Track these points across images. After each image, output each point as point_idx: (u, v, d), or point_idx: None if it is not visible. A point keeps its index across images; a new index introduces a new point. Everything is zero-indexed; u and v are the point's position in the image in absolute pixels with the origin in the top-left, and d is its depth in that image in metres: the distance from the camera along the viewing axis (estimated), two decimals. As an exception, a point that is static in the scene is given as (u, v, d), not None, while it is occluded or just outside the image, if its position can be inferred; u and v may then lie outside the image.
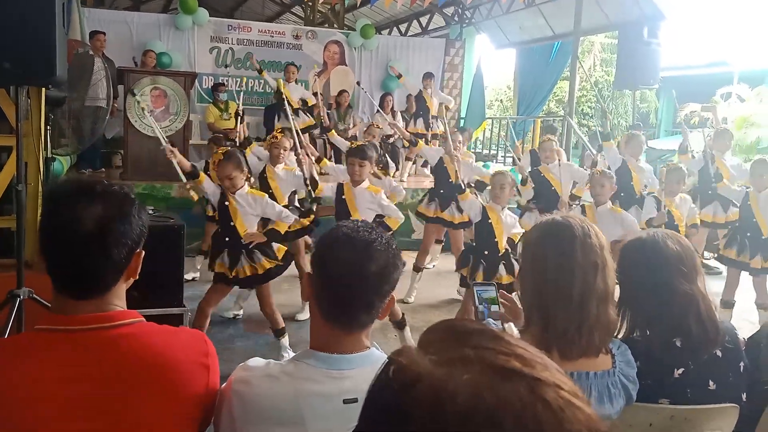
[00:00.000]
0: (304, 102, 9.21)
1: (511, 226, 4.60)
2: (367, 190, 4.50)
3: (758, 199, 5.10)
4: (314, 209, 5.43)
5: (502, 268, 4.54)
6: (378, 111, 9.11)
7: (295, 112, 8.95)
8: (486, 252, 4.55)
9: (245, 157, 4.49)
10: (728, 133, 6.62)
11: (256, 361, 1.48)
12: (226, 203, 4.20)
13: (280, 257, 4.28)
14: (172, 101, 7.81)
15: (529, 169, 6.16)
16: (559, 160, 5.93)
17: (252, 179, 4.74)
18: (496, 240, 4.53)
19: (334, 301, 1.40)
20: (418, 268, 5.99)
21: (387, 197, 4.63)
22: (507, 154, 12.94)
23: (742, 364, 1.92)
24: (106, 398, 1.23)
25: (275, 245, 4.34)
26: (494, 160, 11.58)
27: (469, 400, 0.57)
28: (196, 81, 9.39)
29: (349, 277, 1.38)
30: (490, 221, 4.55)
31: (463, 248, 5.44)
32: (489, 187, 4.89)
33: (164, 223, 4.22)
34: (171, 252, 4.10)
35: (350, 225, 1.46)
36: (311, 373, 1.38)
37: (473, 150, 11.61)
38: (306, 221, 5.14)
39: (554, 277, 1.65)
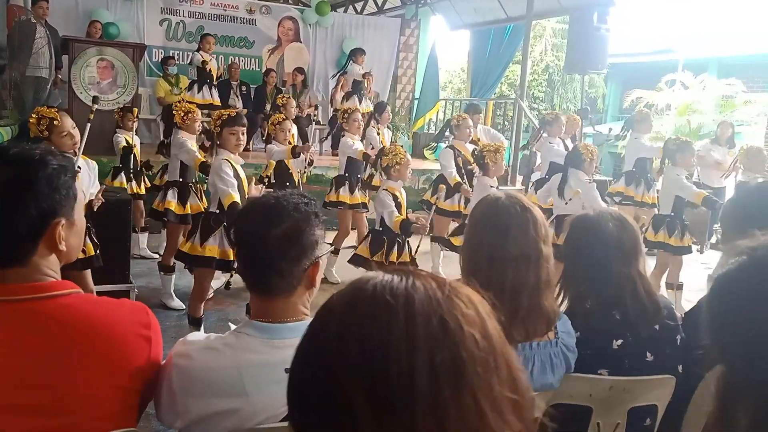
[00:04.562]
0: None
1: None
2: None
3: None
4: None
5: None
6: (334, 88, 9.05)
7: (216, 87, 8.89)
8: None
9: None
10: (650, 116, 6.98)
11: (196, 335, 1.48)
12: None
13: None
14: (120, 73, 7.58)
15: None
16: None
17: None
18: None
19: (245, 266, 1.44)
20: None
21: None
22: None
23: (678, 337, 2.00)
24: (41, 370, 1.21)
25: None
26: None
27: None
28: (146, 54, 9.13)
29: (250, 242, 1.42)
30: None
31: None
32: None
33: (110, 198, 4.13)
34: (117, 227, 4.02)
35: (269, 193, 1.50)
36: (252, 343, 1.38)
37: (426, 131, 11.65)
38: None
39: (487, 267, 1.68)
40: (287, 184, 5.27)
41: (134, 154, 5.70)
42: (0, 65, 4.40)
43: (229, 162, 3.92)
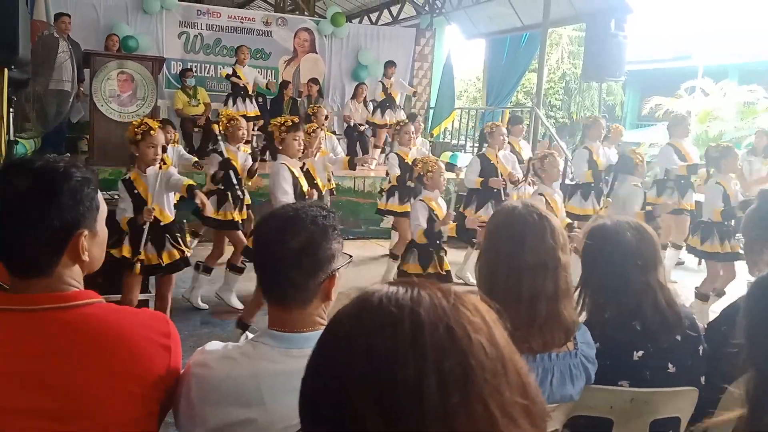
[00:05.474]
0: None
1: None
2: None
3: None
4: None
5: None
6: (352, 99, 9.13)
7: (250, 98, 8.94)
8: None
9: None
10: (686, 120, 6.80)
11: (214, 344, 1.48)
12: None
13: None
14: (140, 86, 7.68)
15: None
16: None
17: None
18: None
19: (262, 277, 1.45)
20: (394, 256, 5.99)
21: None
22: (475, 144, 13.02)
23: (701, 348, 1.96)
24: (61, 377, 1.22)
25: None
26: (463, 150, 11.66)
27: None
28: (165, 66, 9.25)
29: (267, 254, 1.43)
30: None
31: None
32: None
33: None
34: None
35: (288, 204, 1.51)
36: (269, 353, 1.39)
37: (442, 140, 11.66)
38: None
39: (504, 275, 1.67)
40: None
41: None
42: (24, 79, 4.48)
43: (287, 166, 4.14)
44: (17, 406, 1.19)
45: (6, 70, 3.95)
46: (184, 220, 4.44)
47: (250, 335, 1.50)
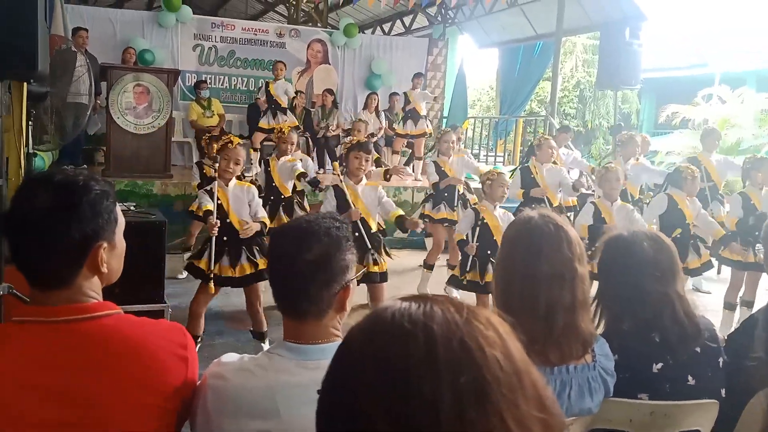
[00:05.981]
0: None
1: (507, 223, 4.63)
2: (368, 186, 4.58)
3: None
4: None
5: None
6: (363, 109, 9.17)
7: (283, 111, 9.03)
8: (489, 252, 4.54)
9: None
10: (715, 132, 6.67)
11: (230, 356, 1.49)
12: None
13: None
14: (155, 98, 7.76)
15: None
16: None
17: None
18: (494, 239, 4.51)
19: (276, 290, 1.45)
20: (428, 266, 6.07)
21: None
22: (489, 153, 13.00)
23: (720, 359, 1.94)
24: (80, 388, 1.23)
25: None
26: (476, 160, 11.65)
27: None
28: (180, 78, 9.35)
29: (281, 267, 1.44)
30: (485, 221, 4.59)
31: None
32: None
33: (145, 219, 4.20)
34: (152, 248, 4.08)
35: (302, 216, 1.52)
36: (285, 364, 1.39)
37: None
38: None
39: (520, 286, 1.66)
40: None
41: None
42: (42, 92, 4.54)
43: (340, 187, 4.31)
44: (37, 418, 1.20)
45: (25, 84, 4.00)
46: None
47: (265, 346, 1.50)
